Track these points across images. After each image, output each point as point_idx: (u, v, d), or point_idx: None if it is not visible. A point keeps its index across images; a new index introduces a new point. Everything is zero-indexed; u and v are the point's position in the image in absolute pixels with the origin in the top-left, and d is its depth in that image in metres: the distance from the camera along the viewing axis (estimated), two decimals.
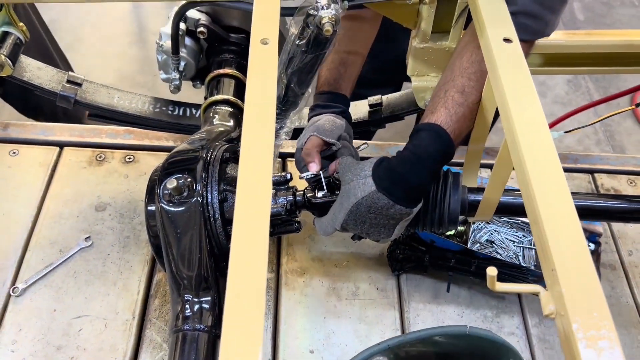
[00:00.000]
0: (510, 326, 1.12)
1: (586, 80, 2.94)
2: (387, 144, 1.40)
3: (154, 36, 2.96)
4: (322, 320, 1.10)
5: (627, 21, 3.21)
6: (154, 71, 2.77)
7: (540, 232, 0.63)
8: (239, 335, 0.55)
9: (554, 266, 0.59)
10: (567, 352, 0.55)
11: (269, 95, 0.74)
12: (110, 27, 3.00)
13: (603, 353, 0.52)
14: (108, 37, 2.95)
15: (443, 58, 1.08)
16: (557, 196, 0.64)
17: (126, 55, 2.87)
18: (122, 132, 1.36)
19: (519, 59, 0.80)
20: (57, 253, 1.15)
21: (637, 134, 2.72)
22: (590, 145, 2.65)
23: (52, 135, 1.35)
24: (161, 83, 1.28)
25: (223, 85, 1.21)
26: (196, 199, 0.91)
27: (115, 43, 2.92)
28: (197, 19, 1.21)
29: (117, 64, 2.81)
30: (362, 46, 1.13)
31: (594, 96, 2.86)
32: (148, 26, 3.06)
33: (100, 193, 1.25)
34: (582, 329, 0.54)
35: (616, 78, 2.91)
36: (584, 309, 0.55)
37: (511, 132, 0.73)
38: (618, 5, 3.32)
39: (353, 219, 0.89)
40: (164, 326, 1.07)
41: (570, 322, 0.55)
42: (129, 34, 2.98)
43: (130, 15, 3.10)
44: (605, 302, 0.55)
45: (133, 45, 2.93)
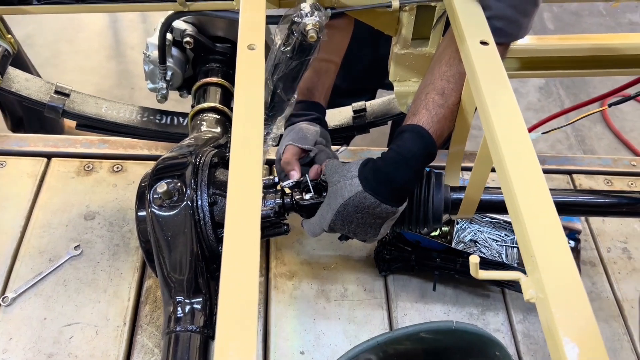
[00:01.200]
0: (495, 323, 1.15)
1: (557, 87, 3.02)
2: (360, 149, 1.42)
3: (131, 50, 2.99)
4: (311, 321, 1.12)
5: (596, 29, 3.31)
6: (131, 84, 2.79)
7: (519, 222, 0.66)
8: (233, 338, 0.56)
9: (533, 253, 0.62)
10: (547, 333, 0.58)
11: (257, 98, 0.77)
12: (86, 41, 3.01)
13: (581, 330, 0.55)
14: (85, 51, 2.96)
15: (424, 63, 1.12)
16: (534, 188, 0.67)
17: (103, 69, 2.89)
18: (110, 141, 1.37)
19: (495, 61, 0.84)
20: (47, 262, 1.16)
21: (607, 139, 2.80)
22: (562, 149, 2.72)
23: (39, 146, 1.35)
24: (139, 96, 1.31)
25: (210, 94, 1.24)
26: (186, 202, 0.93)
27: (92, 57, 2.94)
28: (183, 29, 1.24)
29: (94, 78, 2.83)
30: (335, 54, 1.16)
31: (565, 102, 2.94)
32: (125, 40, 3.08)
33: (89, 202, 1.26)
34: (561, 310, 0.57)
35: (585, 85, 3.00)
36: (562, 291, 0.58)
37: (490, 131, 0.76)
38: (586, 15, 3.42)
39: (340, 219, 0.91)
40: (155, 332, 1.08)
41: (549, 304, 0.57)
42: (106, 48, 3.00)
43: (107, 30, 3.12)
44: (581, 284, 0.58)
45: (110, 59, 2.94)
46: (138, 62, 2.91)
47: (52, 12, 1.01)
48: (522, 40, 1.03)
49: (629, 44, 1.21)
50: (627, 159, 1.48)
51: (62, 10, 1.02)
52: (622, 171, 1.44)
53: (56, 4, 1.01)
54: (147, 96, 2.71)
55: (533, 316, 1.16)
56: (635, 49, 1.20)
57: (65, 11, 1.02)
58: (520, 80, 2.97)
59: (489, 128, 0.77)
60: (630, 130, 2.83)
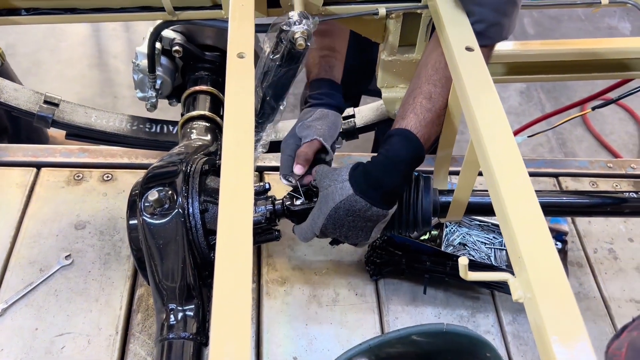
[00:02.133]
0: (485, 325, 1.16)
1: (538, 91, 3.06)
2: (342, 154, 1.44)
3: (114, 59, 2.98)
4: (304, 327, 1.12)
5: (575, 34, 3.36)
6: (114, 93, 2.79)
7: (507, 225, 0.67)
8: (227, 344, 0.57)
9: (520, 254, 0.63)
10: (536, 332, 0.59)
11: (247, 106, 0.78)
12: (68, 50, 3.00)
13: (569, 329, 0.56)
14: (67, 60, 2.95)
15: (411, 70, 1.14)
16: (521, 190, 0.69)
17: (86, 78, 2.88)
18: (99, 151, 1.37)
19: (481, 67, 0.85)
20: (37, 272, 1.16)
21: (587, 141, 2.84)
22: (543, 152, 2.76)
23: (28, 156, 1.35)
24: (122, 104, 1.31)
25: (199, 102, 1.24)
26: (177, 210, 0.93)
27: (75, 66, 2.93)
28: (172, 38, 1.25)
29: (76, 87, 2.82)
30: (340, 45, 1.16)
31: (545, 105, 2.98)
32: (108, 49, 3.07)
33: (79, 212, 1.26)
34: (548, 309, 0.58)
35: (566, 89, 3.04)
36: (549, 291, 0.59)
37: (477, 136, 0.77)
38: (566, 20, 3.47)
39: (332, 223, 0.92)
40: (147, 340, 1.08)
41: (537, 303, 0.59)
42: (88, 57, 2.99)
43: (90, 39, 3.11)
44: (568, 283, 0.60)
45: (93, 68, 2.93)
46: (121, 71, 2.91)
47: (41, 23, 1.02)
48: (506, 46, 1.05)
49: (609, 49, 1.24)
50: (604, 160, 1.51)
51: (51, 21, 1.02)
52: (605, 173, 1.46)
53: (45, 14, 1.01)
54: (130, 104, 2.71)
55: (522, 317, 1.17)
56: (615, 53, 1.23)
57: (54, 21, 1.02)
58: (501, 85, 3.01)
59: (475, 132, 0.78)
60: (610, 132, 2.88)
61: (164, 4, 0.99)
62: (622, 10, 3.42)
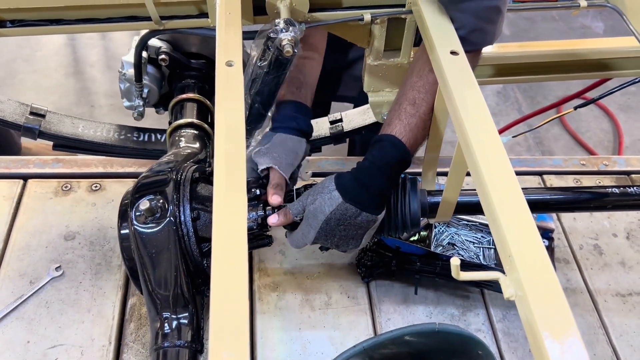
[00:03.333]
0: (476, 323, 1.18)
1: (515, 91, 3.11)
2: (319, 158, 1.45)
3: (90, 67, 2.97)
4: (297, 331, 1.13)
5: (549, 34, 3.42)
6: (91, 102, 2.77)
7: (496, 224, 0.68)
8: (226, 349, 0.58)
9: (510, 253, 0.64)
10: (527, 328, 0.61)
11: (238, 113, 0.79)
12: (44, 60, 2.99)
13: (560, 325, 0.58)
14: (42, 70, 2.93)
15: (396, 74, 1.15)
16: (508, 190, 0.71)
17: (62, 87, 2.86)
18: (86, 161, 1.37)
19: (465, 70, 0.87)
20: (28, 284, 1.15)
21: (563, 139, 2.90)
22: (521, 151, 2.80)
23: (14, 168, 1.34)
24: (99, 113, 1.31)
25: (187, 110, 1.24)
26: (169, 218, 0.93)
27: (50, 76, 2.91)
28: (158, 47, 1.25)
29: (52, 96, 2.80)
30: (316, 49, 1.16)
31: (522, 105, 3.03)
32: (84, 58, 3.05)
33: (68, 222, 1.26)
34: (539, 306, 0.59)
35: (542, 88, 3.10)
36: (540, 288, 0.61)
37: (464, 137, 0.79)
38: (540, 20, 3.53)
39: (324, 235, 0.93)
40: (141, 349, 1.08)
41: (529, 301, 0.60)
42: (64, 66, 2.97)
43: (65, 48, 3.09)
44: (557, 280, 0.61)
45: (69, 77, 2.92)
46: (97, 80, 2.90)
47: (27, 34, 1.01)
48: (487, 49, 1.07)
49: (588, 50, 1.27)
50: (578, 158, 1.54)
51: (37, 32, 1.02)
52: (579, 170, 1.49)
53: (31, 26, 1.01)
54: (108, 113, 2.70)
55: (512, 315, 1.19)
56: (593, 53, 1.26)
57: (40, 33, 1.02)
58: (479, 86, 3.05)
59: (462, 134, 0.80)
60: (586, 130, 2.93)
61: (151, 14, 0.99)
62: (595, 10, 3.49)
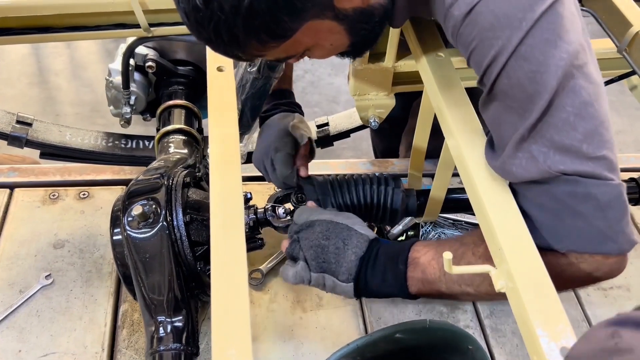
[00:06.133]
0: (465, 320, 1.20)
1: None
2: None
3: (55, 76, 2.94)
4: (290, 332, 1.14)
5: None
6: (56, 111, 2.75)
7: (485, 218, 0.71)
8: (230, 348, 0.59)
9: (500, 246, 0.67)
10: (519, 319, 0.63)
11: (231, 117, 0.80)
12: (7, 69, 2.95)
13: (550, 314, 0.61)
14: (5, 80, 2.90)
15: (381, 77, 1.18)
16: (495, 185, 0.73)
17: (25, 97, 2.83)
18: (73, 168, 1.37)
19: (450, 71, 0.90)
20: (17, 294, 1.14)
21: None
22: None
23: (9, 177, 1.33)
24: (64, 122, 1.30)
25: (174, 116, 1.26)
26: (162, 223, 0.94)
27: (14, 85, 2.88)
28: (144, 54, 1.26)
29: (16, 106, 2.74)
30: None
31: None
32: (49, 67, 3.02)
33: (57, 231, 1.25)
34: (530, 296, 0.62)
35: None
36: (530, 279, 0.63)
37: (452, 136, 0.81)
38: None
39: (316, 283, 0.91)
40: (134, 355, 1.08)
41: (520, 292, 0.63)
42: (28, 75, 2.94)
43: (29, 58, 3.06)
44: (546, 271, 0.64)
45: (33, 86, 2.89)
46: (62, 88, 2.86)
47: (16, 43, 1.02)
48: None
49: None
50: None
51: (25, 40, 1.02)
52: None
53: (18, 34, 1.01)
54: (73, 122, 2.67)
55: (499, 311, 1.22)
56: None
57: (28, 41, 1.02)
58: None
59: (449, 133, 0.82)
60: None
61: (139, 21, 1.01)
62: None
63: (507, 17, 0.67)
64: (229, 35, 0.66)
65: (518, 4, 0.67)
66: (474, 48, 0.71)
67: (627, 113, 2.98)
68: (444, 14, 0.73)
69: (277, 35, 0.68)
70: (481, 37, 0.69)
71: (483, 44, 0.69)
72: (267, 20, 0.65)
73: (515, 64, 0.67)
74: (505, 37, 0.67)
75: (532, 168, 0.69)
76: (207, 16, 0.64)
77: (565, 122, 0.67)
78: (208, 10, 0.64)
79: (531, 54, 0.67)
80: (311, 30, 0.69)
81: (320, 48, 0.77)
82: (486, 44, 0.69)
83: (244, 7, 0.63)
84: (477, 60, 0.72)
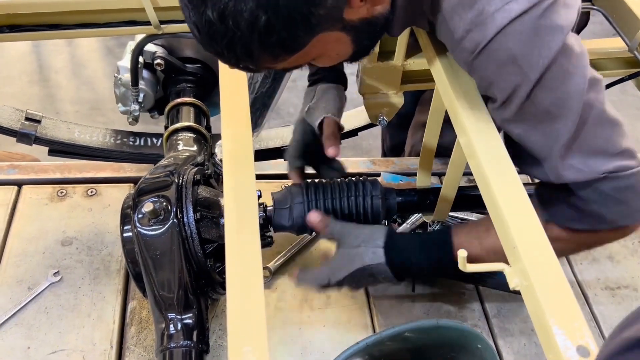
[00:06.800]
0: (472, 319, 1.20)
1: None
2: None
3: (55, 74, 2.93)
4: (298, 331, 1.14)
5: None
6: (56, 109, 2.74)
7: (500, 217, 0.71)
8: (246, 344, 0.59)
9: (515, 244, 0.67)
10: (534, 316, 0.63)
11: (243, 112, 0.80)
12: (7, 67, 2.93)
13: (565, 311, 0.61)
14: (5, 77, 2.88)
15: (391, 75, 1.18)
16: (509, 182, 0.73)
17: (25, 95, 2.81)
18: (81, 166, 1.37)
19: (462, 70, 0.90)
20: (26, 291, 1.14)
21: None
22: None
23: (8, 174, 1.34)
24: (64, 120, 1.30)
25: (183, 113, 1.26)
26: (173, 220, 0.94)
27: (13, 83, 2.86)
28: (153, 51, 1.26)
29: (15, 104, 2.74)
30: None
31: None
32: (49, 64, 3.00)
33: (65, 228, 1.25)
34: (545, 294, 0.62)
35: None
36: (545, 277, 0.63)
37: (465, 135, 0.81)
38: None
39: (350, 278, 0.93)
40: (142, 352, 1.08)
41: (535, 290, 0.63)
42: (29, 73, 2.93)
43: (29, 55, 3.04)
44: (560, 269, 0.64)
45: (33, 84, 2.87)
46: (63, 86, 2.85)
47: (24, 40, 1.02)
48: None
49: None
50: None
51: (35, 37, 1.03)
52: None
53: (28, 31, 1.01)
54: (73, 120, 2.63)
55: (506, 310, 1.22)
56: None
57: (38, 38, 1.03)
58: None
59: (462, 130, 0.82)
60: None
61: (150, 18, 1.01)
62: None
63: (524, 56, 0.73)
64: (243, 50, 0.68)
65: (533, 42, 0.72)
66: (492, 82, 0.77)
67: (627, 113, 2.96)
68: (452, 45, 0.78)
69: (291, 49, 0.70)
70: (500, 71, 0.75)
71: (502, 79, 0.76)
72: (284, 37, 0.67)
73: (540, 94, 0.75)
74: (524, 73, 0.73)
75: (579, 176, 0.80)
76: (221, 31, 0.65)
77: (590, 134, 0.78)
78: (222, 26, 0.64)
79: (554, 85, 0.74)
80: (320, 42, 0.72)
81: (327, 57, 0.80)
82: (505, 78, 0.75)
83: (261, 24, 0.64)
84: (494, 91, 0.78)
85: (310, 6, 0.65)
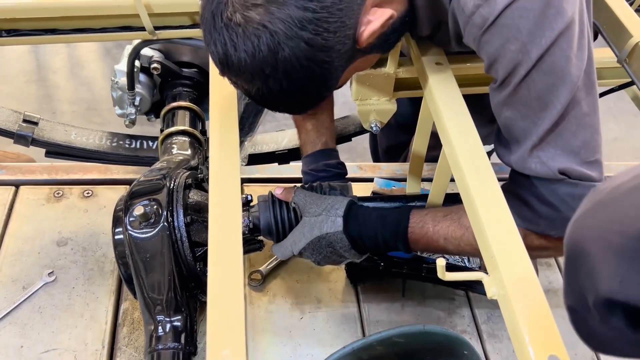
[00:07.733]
0: (462, 325, 1.21)
1: None
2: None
3: (53, 74, 2.93)
4: (288, 334, 1.15)
5: None
6: (53, 109, 2.75)
7: (479, 227, 0.72)
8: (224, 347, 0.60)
9: (493, 254, 0.68)
10: (509, 325, 0.64)
11: (232, 122, 0.82)
12: (5, 67, 2.94)
13: (539, 321, 0.61)
14: (3, 77, 2.89)
15: (383, 82, 1.18)
16: (491, 194, 0.74)
17: (23, 94, 2.82)
18: (78, 167, 1.39)
19: (449, 79, 0.91)
20: (20, 290, 1.16)
21: None
22: None
23: (6, 174, 1.36)
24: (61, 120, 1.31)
25: (178, 117, 1.27)
26: (163, 224, 0.96)
27: (11, 83, 2.87)
28: (150, 56, 1.27)
29: (12, 103, 2.74)
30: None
31: None
32: (47, 64, 3.01)
33: (61, 228, 1.27)
34: (520, 303, 0.63)
35: None
36: (521, 287, 0.64)
37: (449, 144, 0.82)
38: None
39: (311, 249, 0.96)
40: (134, 353, 1.10)
41: (510, 299, 0.64)
42: (26, 72, 2.94)
43: (27, 55, 3.05)
44: (537, 279, 0.65)
45: (31, 83, 2.88)
46: (60, 86, 2.86)
47: (22, 44, 1.03)
48: None
49: None
50: None
51: (32, 42, 1.04)
52: None
53: (25, 35, 1.03)
54: (70, 120, 2.66)
55: (496, 316, 1.23)
56: None
57: (35, 42, 1.04)
58: None
59: (447, 142, 0.83)
60: None
61: (145, 24, 1.02)
62: None
63: (529, 33, 0.73)
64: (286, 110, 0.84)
65: (539, 20, 0.73)
66: (496, 58, 0.77)
67: (624, 119, 2.94)
68: (464, 23, 0.79)
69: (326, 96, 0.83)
70: (504, 47, 0.75)
71: (505, 55, 0.76)
72: (312, 97, 0.80)
73: (537, 77, 0.76)
74: (526, 50, 0.74)
75: (542, 170, 0.80)
76: (251, 90, 0.75)
77: (569, 131, 0.78)
78: (252, 86, 0.74)
79: (552, 69, 0.75)
80: (350, 72, 0.83)
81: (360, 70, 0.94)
82: (508, 55, 0.75)
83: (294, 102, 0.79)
84: (497, 68, 0.78)
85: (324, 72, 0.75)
